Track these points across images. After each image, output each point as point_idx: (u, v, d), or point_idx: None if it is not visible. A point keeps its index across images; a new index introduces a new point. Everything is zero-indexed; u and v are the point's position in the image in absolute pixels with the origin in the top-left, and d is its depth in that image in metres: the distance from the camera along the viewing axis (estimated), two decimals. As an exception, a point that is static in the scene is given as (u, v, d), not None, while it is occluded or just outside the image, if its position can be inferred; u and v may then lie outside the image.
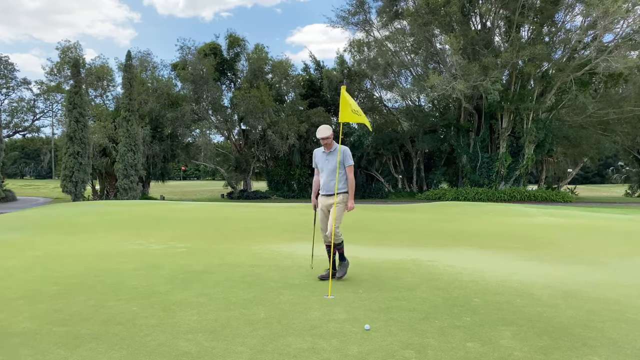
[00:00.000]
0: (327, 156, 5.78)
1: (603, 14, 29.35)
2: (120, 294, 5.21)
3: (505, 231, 11.92)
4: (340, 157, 5.64)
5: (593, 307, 4.87)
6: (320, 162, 5.87)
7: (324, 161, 5.81)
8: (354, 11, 39.01)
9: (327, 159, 5.77)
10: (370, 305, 4.87)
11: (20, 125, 43.89)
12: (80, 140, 30.42)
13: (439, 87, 31.50)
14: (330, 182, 5.69)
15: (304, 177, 42.56)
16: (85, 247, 8.75)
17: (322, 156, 5.86)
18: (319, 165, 5.88)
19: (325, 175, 5.77)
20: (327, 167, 5.76)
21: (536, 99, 35.16)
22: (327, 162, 5.77)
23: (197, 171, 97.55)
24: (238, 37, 42.95)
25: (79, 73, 32.35)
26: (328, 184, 5.73)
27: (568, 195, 36.78)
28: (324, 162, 5.81)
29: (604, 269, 7.15)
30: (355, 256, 7.76)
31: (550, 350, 3.67)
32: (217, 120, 43.16)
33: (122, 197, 31.76)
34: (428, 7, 32.78)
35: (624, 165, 64.35)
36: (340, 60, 43.29)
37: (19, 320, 4.28)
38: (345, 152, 5.73)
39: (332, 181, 5.67)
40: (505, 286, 5.75)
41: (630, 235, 11.41)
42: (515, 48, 31.88)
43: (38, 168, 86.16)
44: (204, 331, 4.02)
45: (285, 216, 15.15)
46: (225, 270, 6.60)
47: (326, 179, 5.75)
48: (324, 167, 5.81)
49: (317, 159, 5.91)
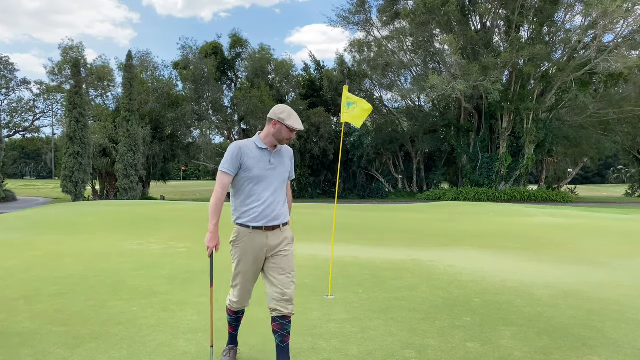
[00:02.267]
0: (273, 158, 3.29)
1: (602, 14, 29.36)
2: (120, 294, 5.21)
3: (505, 231, 11.92)
4: (290, 165, 3.43)
5: (593, 307, 4.86)
6: (259, 165, 3.24)
7: (267, 165, 3.26)
8: (354, 10, 39.04)
9: (272, 162, 3.29)
10: (370, 305, 4.87)
11: (20, 125, 43.90)
12: (80, 140, 30.44)
13: (439, 87, 31.51)
14: (280, 204, 3.32)
15: (303, 177, 42.59)
16: (85, 247, 8.75)
17: (260, 156, 3.26)
18: (255, 172, 3.22)
19: (270, 190, 3.26)
20: (272, 176, 3.28)
21: (536, 99, 35.17)
22: (273, 168, 3.30)
23: (197, 171, 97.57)
24: (241, 38, 43.04)
25: (80, 73, 32.38)
26: (276, 205, 3.29)
27: (568, 196, 36.77)
28: (267, 167, 3.27)
29: (604, 269, 7.14)
30: (355, 256, 7.76)
31: (550, 350, 3.67)
32: (218, 120, 43.18)
33: (122, 197, 31.77)
34: (425, 7, 32.79)
35: (623, 167, 64.33)
36: (340, 60, 43.32)
37: (19, 320, 4.28)
38: (293, 157, 3.51)
39: (283, 202, 3.36)
40: (505, 286, 5.74)
41: (630, 235, 11.41)
42: (515, 48, 31.88)
43: (38, 168, 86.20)
44: (204, 331, 4.02)
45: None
46: (225, 270, 6.59)
47: (272, 197, 3.27)
48: (265, 176, 3.26)
49: (248, 159, 3.22)
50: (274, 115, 3.23)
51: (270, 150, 3.27)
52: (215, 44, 42.51)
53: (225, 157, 3.20)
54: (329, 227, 12.30)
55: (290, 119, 3.22)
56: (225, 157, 3.20)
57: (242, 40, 43.05)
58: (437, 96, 34.14)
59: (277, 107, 3.30)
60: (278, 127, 3.21)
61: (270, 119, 3.24)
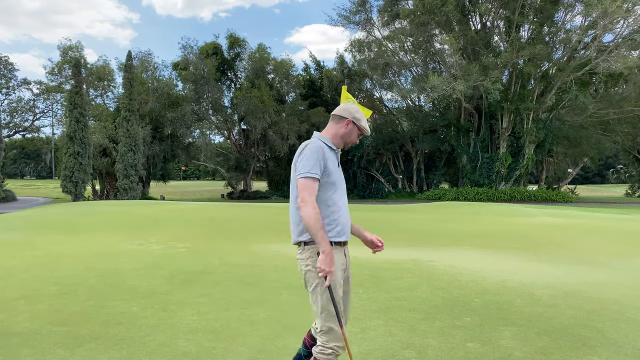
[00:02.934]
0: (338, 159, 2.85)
1: (602, 14, 29.36)
2: (120, 294, 5.20)
3: (505, 231, 11.92)
4: None
5: (593, 307, 4.86)
6: (336, 169, 2.75)
7: (339, 169, 2.81)
8: (355, 10, 39.03)
9: (339, 165, 2.83)
10: (370, 305, 4.87)
11: (20, 125, 43.90)
12: (80, 140, 30.44)
13: (439, 88, 31.51)
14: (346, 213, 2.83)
15: (304, 177, 42.59)
16: (85, 247, 8.75)
17: (334, 159, 2.78)
18: (333, 176, 2.71)
19: (344, 198, 2.83)
20: (343, 182, 2.84)
21: (536, 99, 35.17)
22: (341, 172, 2.87)
23: (197, 171, 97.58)
24: (238, 38, 43.04)
25: (80, 73, 32.38)
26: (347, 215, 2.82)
27: (568, 196, 36.77)
28: (340, 171, 2.82)
29: (604, 269, 7.14)
30: (355, 256, 7.75)
31: (550, 350, 3.67)
32: (218, 120, 43.19)
33: (122, 197, 31.76)
34: (424, 7, 32.80)
35: (623, 167, 64.32)
36: (340, 60, 43.33)
37: (19, 320, 4.28)
38: None
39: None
40: (505, 286, 5.74)
41: (630, 235, 11.40)
42: (515, 48, 31.88)
43: (38, 168, 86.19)
44: (204, 331, 4.02)
45: (285, 216, 15.11)
46: (225, 270, 6.59)
47: (346, 206, 2.83)
48: (340, 181, 2.80)
49: (329, 161, 2.70)
50: (348, 114, 2.79)
51: (338, 152, 2.86)
52: (216, 44, 42.54)
53: (310, 160, 2.59)
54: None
55: (363, 121, 2.84)
56: (310, 160, 2.59)
57: (240, 40, 43.06)
58: (437, 96, 34.13)
59: (350, 105, 2.88)
60: (350, 128, 2.79)
61: (341, 118, 2.80)
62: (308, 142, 2.71)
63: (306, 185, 2.56)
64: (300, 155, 2.65)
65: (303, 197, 2.55)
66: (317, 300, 2.59)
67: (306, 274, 2.65)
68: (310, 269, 2.61)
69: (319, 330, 2.61)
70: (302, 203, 2.54)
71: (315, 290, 2.59)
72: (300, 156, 2.64)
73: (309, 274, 2.62)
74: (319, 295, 2.58)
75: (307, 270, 2.63)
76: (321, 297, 2.57)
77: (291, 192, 2.74)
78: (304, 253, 2.64)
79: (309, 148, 2.65)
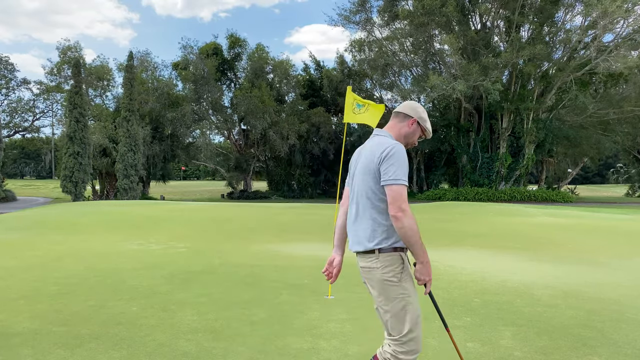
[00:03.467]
0: None
1: (602, 14, 29.35)
2: (120, 294, 5.20)
3: (505, 231, 11.92)
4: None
5: (593, 307, 4.86)
6: None
7: None
8: (355, 10, 39.03)
9: None
10: (371, 305, 4.85)
11: (20, 125, 43.91)
12: (80, 140, 30.43)
13: (439, 88, 31.51)
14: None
15: (304, 177, 42.59)
16: (85, 247, 8.75)
17: None
18: None
19: None
20: None
21: (536, 99, 35.17)
22: None
23: (197, 171, 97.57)
24: (239, 38, 43.04)
25: (80, 73, 32.37)
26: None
27: (568, 196, 36.76)
28: None
29: (604, 269, 7.14)
30: (355, 256, 7.74)
31: (550, 350, 3.67)
32: (218, 120, 43.19)
33: (122, 197, 31.76)
34: (424, 8, 32.82)
35: (622, 167, 64.31)
36: (340, 60, 43.33)
37: (19, 320, 4.28)
38: None
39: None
40: (505, 286, 5.74)
41: (631, 235, 11.40)
42: (515, 48, 31.88)
43: (38, 168, 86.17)
44: (204, 331, 4.01)
45: (285, 216, 15.15)
46: (225, 270, 6.60)
47: None
48: None
49: None
50: (414, 113, 2.64)
51: None
52: (216, 44, 42.53)
53: (402, 167, 2.43)
54: (329, 227, 12.29)
55: (428, 122, 2.71)
56: (402, 167, 2.43)
57: (240, 40, 43.07)
58: (437, 96, 34.13)
59: (415, 104, 2.72)
60: (414, 128, 2.65)
61: (406, 116, 2.64)
62: (390, 144, 2.47)
63: (401, 193, 2.41)
64: (388, 159, 2.42)
65: (401, 206, 2.39)
66: (399, 309, 2.46)
67: (384, 284, 2.47)
68: (391, 278, 2.46)
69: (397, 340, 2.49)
70: (400, 213, 2.38)
71: (398, 301, 2.46)
72: (389, 160, 2.42)
73: (387, 283, 2.46)
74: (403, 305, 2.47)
75: (386, 280, 2.46)
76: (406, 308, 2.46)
77: (359, 195, 2.54)
78: (379, 261, 2.48)
79: (399, 153, 2.44)
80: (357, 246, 2.58)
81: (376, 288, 2.51)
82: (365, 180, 2.51)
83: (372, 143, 2.59)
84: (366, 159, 2.53)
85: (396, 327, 2.48)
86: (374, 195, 2.48)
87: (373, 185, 2.48)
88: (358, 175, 2.58)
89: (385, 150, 2.45)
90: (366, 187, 2.51)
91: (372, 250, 2.50)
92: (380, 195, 2.47)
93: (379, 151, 2.47)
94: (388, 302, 2.48)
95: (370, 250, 2.50)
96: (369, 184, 2.49)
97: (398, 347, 2.48)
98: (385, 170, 2.43)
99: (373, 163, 2.47)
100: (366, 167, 2.51)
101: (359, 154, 2.69)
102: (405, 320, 2.46)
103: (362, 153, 2.63)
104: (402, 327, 2.46)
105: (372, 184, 2.48)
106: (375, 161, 2.47)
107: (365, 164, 2.52)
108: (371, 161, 2.48)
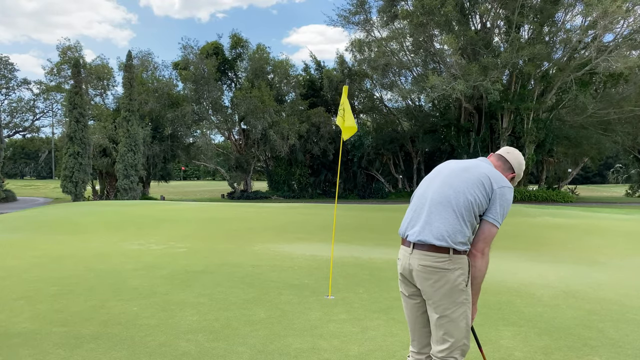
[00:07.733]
0: None
1: (603, 14, 29.34)
2: (120, 294, 5.20)
3: (505, 231, 11.90)
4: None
5: (593, 307, 4.86)
6: None
7: None
8: (354, 10, 39.02)
9: None
10: (370, 305, 4.87)
11: (20, 125, 43.90)
12: (80, 140, 30.44)
13: (439, 87, 31.51)
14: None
15: (304, 177, 42.60)
16: (85, 247, 8.75)
17: None
18: None
19: None
20: None
21: (536, 98, 35.17)
22: None
23: (198, 171, 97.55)
24: (241, 38, 43.02)
25: (80, 73, 32.36)
26: None
27: (568, 195, 36.76)
28: None
29: (604, 269, 7.14)
30: (355, 256, 7.75)
31: (550, 350, 3.67)
32: (218, 120, 43.17)
33: (122, 198, 31.76)
34: (423, 8, 32.81)
35: (622, 167, 64.28)
36: (340, 60, 43.31)
37: (19, 321, 4.27)
38: None
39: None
40: (505, 286, 5.74)
41: (631, 235, 11.40)
42: (515, 48, 31.87)
43: (38, 168, 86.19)
44: (204, 331, 4.01)
45: (285, 216, 15.14)
46: (225, 270, 6.60)
47: None
48: None
49: None
50: (519, 170, 2.70)
51: None
52: (216, 44, 42.51)
53: (506, 210, 2.52)
54: (329, 227, 12.29)
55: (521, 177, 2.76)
56: (506, 210, 2.52)
57: (243, 41, 43.05)
58: (437, 96, 34.13)
59: (522, 159, 2.74)
60: (509, 180, 2.64)
61: (511, 169, 2.67)
62: (508, 185, 2.52)
63: (494, 235, 2.48)
64: (501, 197, 2.46)
65: (484, 249, 2.46)
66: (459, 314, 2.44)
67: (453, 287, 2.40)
68: (462, 282, 2.42)
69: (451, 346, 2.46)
70: (482, 254, 2.45)
71: (460, 306, 2.43)
72: (501, 199, 2.46)
73: (457, 287, 2.41)
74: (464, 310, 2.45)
75: (457, 284, 2.41)
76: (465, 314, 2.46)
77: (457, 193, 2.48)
78: (452, 262, 2.39)
79: (510, 198, 2.50)
80: (430, 237, 2.42)
81: (440, 291, 2.41)
82: (470, 190, 2.46)
83: (487, 169, 2.53)
84: (477, 175, 2.48)
85: (453, 333, 2.44)
86: (470, 207, 2.43)
87: (474, 201, 2.44)
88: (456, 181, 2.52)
89: (503, 189, 2.47)
90: (466, 197, 2.45)
91: (446, 248, 2.38)
92: (475, 216, 2.45)
93: (496, 183, 2.48)
94: (450, 307, 2.41)
95: (444, 248, 2.38)
96: (474, 197, 2.45)
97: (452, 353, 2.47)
98: (494, 207, 2.45)
99: (487, 187, 2.46)
100: (478, 181, 2.47)
101: (455, 164, 2.67)
102: (463, 326, 2.45)
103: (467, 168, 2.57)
104: (459, 333, 2.45)
105: (476, 199, 2.44)
106: (489, 187, 2.46)
107: (477, 178, 2.48)
108: (487, 184, 2.46)
